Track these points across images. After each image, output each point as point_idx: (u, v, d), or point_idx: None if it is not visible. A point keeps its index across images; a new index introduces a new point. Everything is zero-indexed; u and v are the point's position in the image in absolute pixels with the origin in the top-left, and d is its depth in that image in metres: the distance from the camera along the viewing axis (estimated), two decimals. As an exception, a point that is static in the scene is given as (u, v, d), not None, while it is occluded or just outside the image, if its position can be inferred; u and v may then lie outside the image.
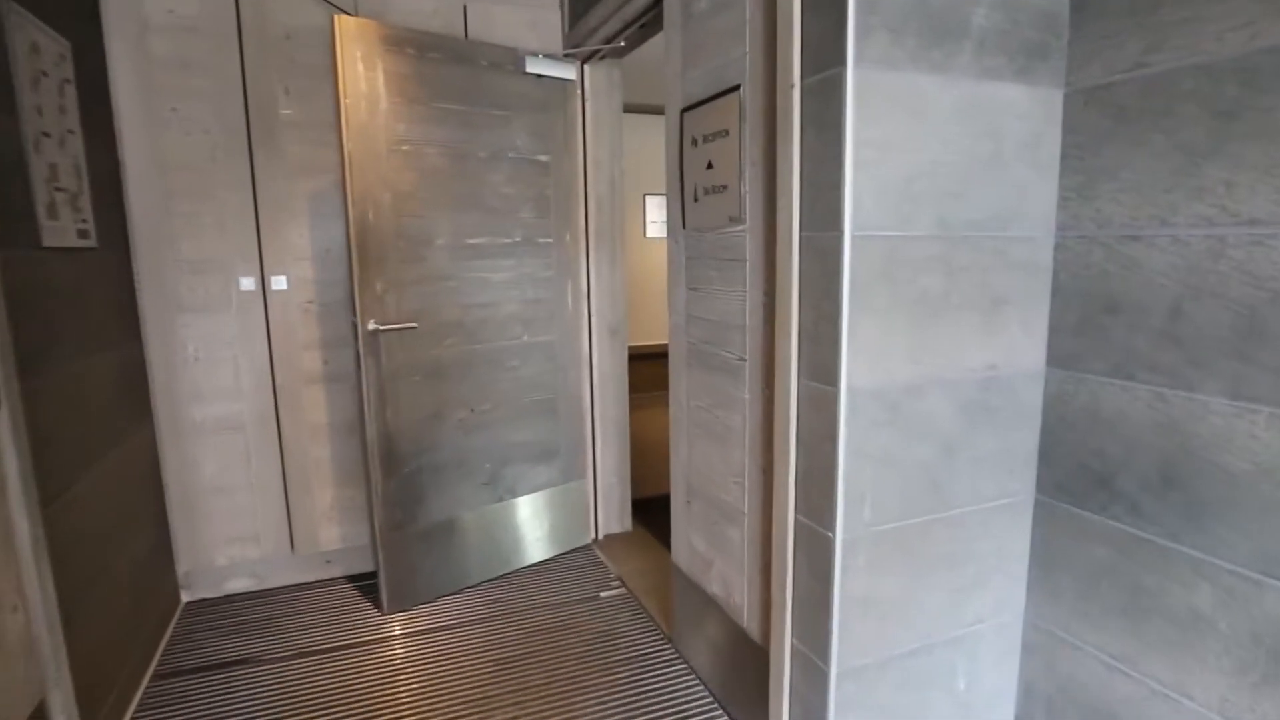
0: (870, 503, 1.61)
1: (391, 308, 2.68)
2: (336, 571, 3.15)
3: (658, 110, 6.61)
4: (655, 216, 6.54)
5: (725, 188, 2.02)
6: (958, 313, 1.63)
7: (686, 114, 2.20)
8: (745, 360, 1.97)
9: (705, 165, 2.11)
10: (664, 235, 6.90)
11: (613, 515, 3.56)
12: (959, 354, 1.65)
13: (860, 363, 1.55)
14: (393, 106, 2.63)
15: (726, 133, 1.99)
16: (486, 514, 3.05)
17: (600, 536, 3.52)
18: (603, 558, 3.31)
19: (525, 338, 3.09)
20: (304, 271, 2.92)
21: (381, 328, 2.63)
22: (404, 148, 2.68)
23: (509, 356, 3.05)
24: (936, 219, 1.56)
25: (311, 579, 3.11)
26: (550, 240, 3.14)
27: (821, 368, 1.60)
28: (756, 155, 1.85)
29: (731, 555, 2.15)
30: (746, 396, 1.98)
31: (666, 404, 2.50)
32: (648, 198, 6.60)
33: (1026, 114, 1.62)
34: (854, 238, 1.50)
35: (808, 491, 1.68)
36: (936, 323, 1.61)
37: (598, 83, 3.26)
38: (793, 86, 1.59)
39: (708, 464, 2.24)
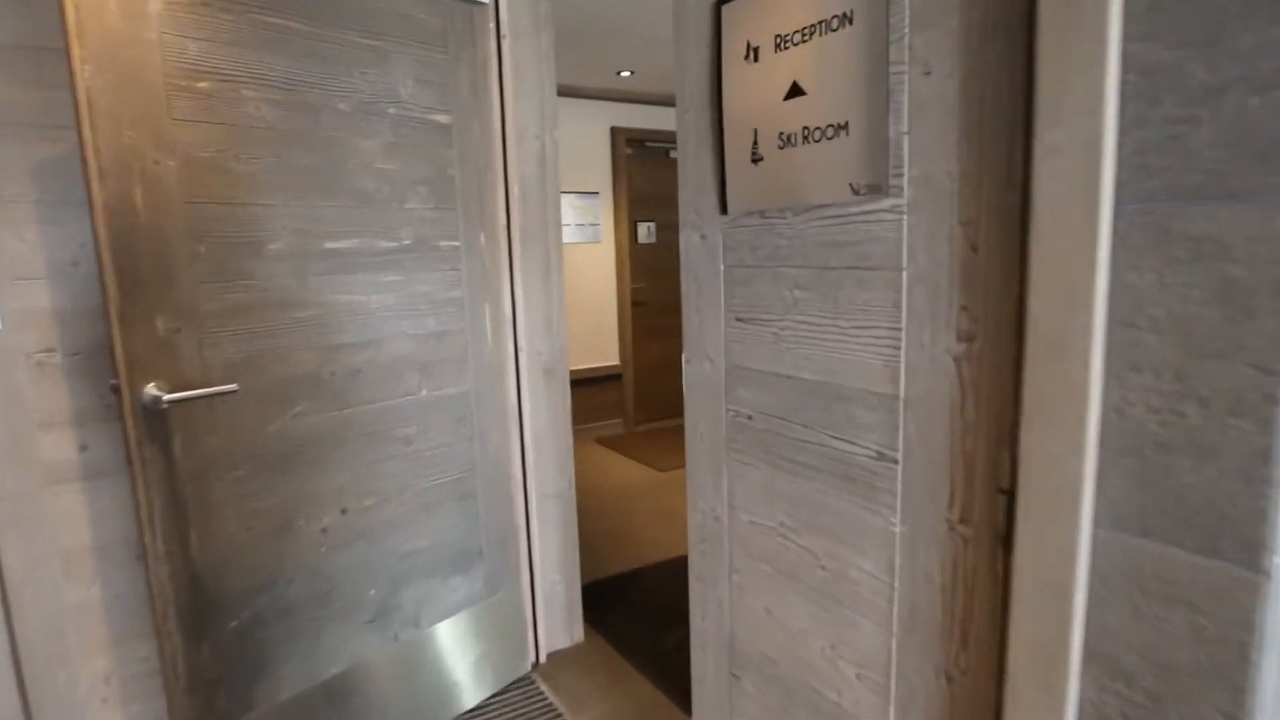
0: None
1: (190, 359, 1.46)
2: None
3: (564, 91, 5.53)
4: (568, 218, 5.36)
5: (842, 128, 0.98)
6: None
7: (730, 4, 1.14)
8: (898, 463, 0.94)
9: (784, 92, 1.05)
10: (581, 241, 5.76)
11: (558, 625, 2.42)
12: None
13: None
14: (175, 10, 1.41)
15: (848, 19, 0.94)
16: (376, 666, 1.86)
17: (543, 659, 2.38)
18: (551, 697, 2.17)
19: (424, 391, 1.92)
20: (33, 298, 1.62)
21: (172, 396, 1.40)
22: (201, 85, 1.46)
23: (400, 422, 1.87)
24: None
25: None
26: (457, 244, 1.98)
27: (1199, 523, 0.59)
28: (943, 49, 0.81)
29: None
30: (898, 529, 0.95)
31: (596, 437, 1.41)
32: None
33: None
34: None
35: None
36: None
37: (519, 13, 2.13)
38: None
39: (787, 630, 1.19)
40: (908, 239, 0.90)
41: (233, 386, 1.49)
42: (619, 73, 4.77)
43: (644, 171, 5.61)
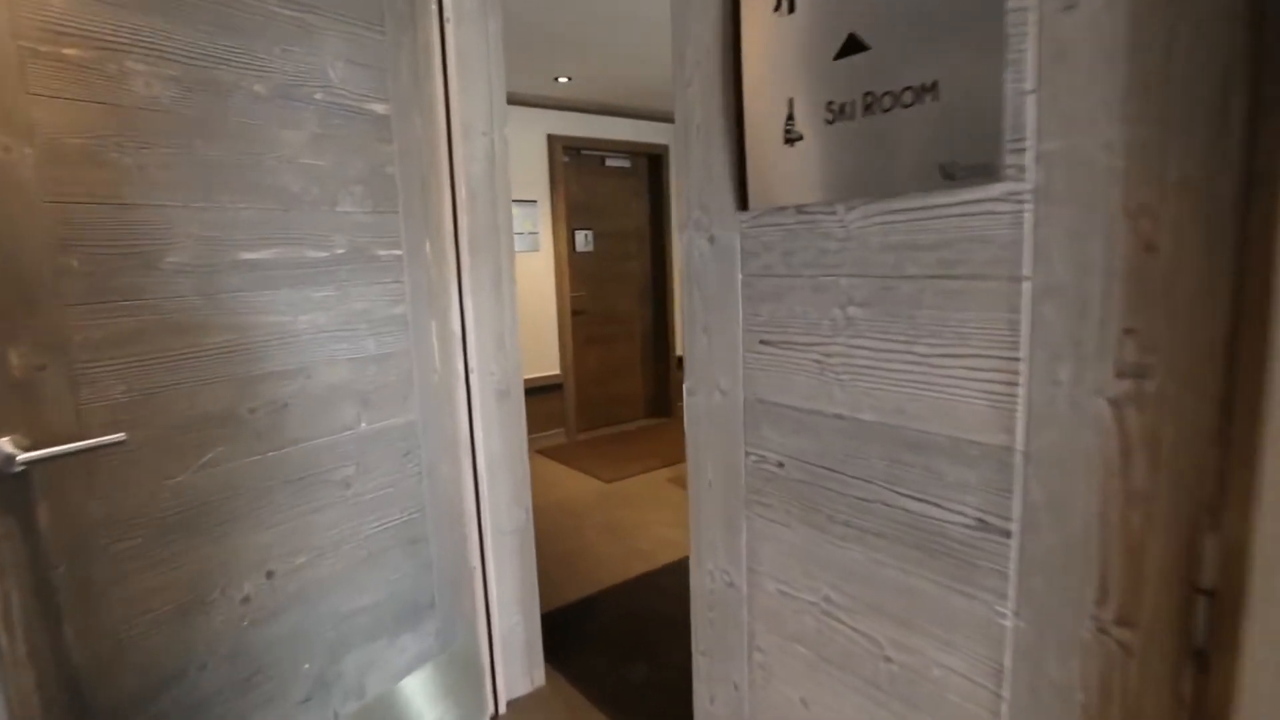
0: None
1: (59, 405, 1.11)
2: None
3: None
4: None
5: (926, 91, 0.73)
6: None
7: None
8: (1011, 536, 0.71)
9: (834, 48, 0.81)
10: (521, 249, 5.42)
11: (517, 670, 2.12)
12: None
13: None
14: (31, -46, 1.07)
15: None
16: (310, 750, 1.52)
17: (503, 709, 2.07)
18: (514, 759, 1.87)
19: (364, 425, 1.60)
20: None
21: (33, 455, 1.04)
22: (69, 51, 1.12)
23: (337, 462, 1.54)
24: None
25: None
26: (399, 253, 1.67)
27: None
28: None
29: None
30: (1010, 623, 0.71)
31: (539, 449, 1.15)
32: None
33: None
34: None
35: None
36: None
37: (463, -5, 1.83)
38: None
39: (839, 726, 0.93)
40: (1033, 237, 0.66)
41: (119, 436, 1.14)
42: (556, 78, 4.48)
43: (580, 180, 5.33)
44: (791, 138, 0.88)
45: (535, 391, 5.28)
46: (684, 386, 1.12)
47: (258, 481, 1.40)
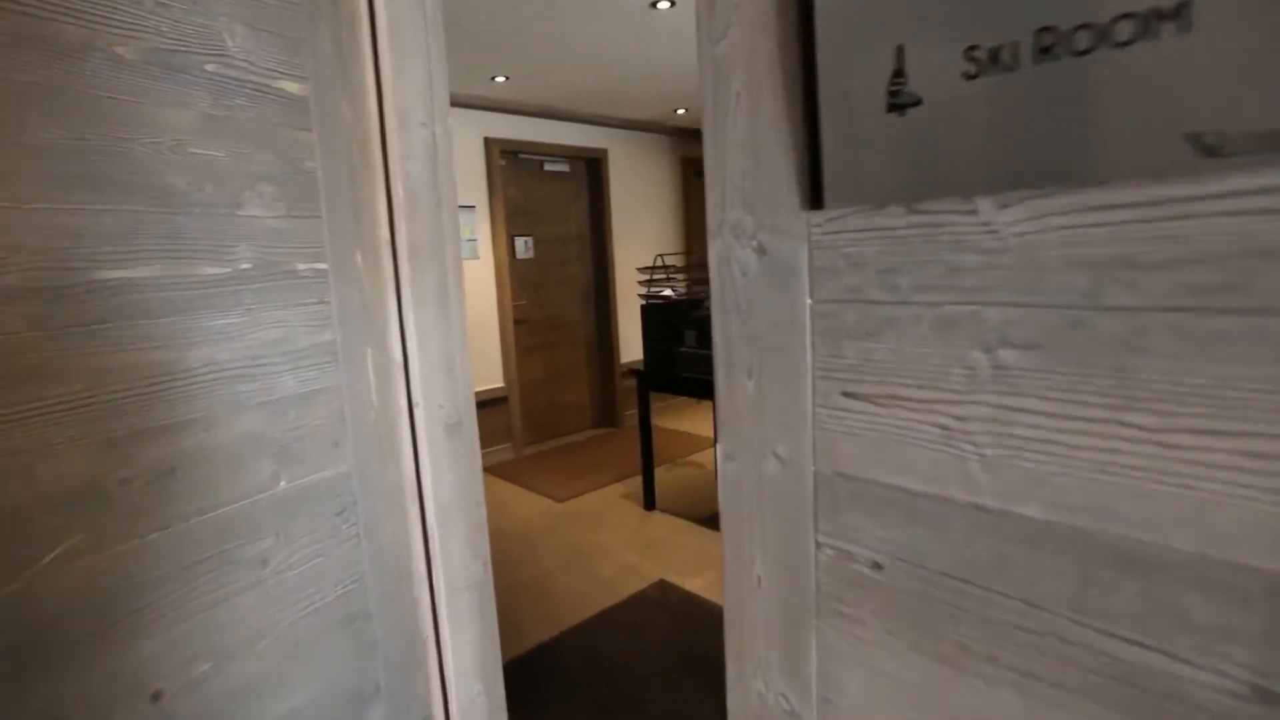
0: None
1: None
2: None
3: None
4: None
5: (1174, 13, 0.44)
6: None
7: None
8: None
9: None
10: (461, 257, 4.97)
11: (477, 748, 1.77)
12: None
13: None
14: None
15: None
16: None
17: (461, 798, 1.72)
18: None
19: (283, 483, 1.23)
20: None
21: None
22: None
23: (248, 535, 1.17)
24: None
25: None
26: (323, 266, 1.31)
27: None
28: None
29: None
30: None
31: (485, 466, 0.89)
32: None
33: None
34: None
35: None
36: None
37: (395, -44, 1.47)
38: None
39: None
40: None
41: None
42: (494, 77, 4.10)
43: (519, 184, 4.96)
44: (901, 102, 0.60)
45: (479, 406, 4.89)
46: (717, 448, 0.82)
47: (136, 575, 1.02)
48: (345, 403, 1.37)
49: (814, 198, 0.70)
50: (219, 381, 1.15)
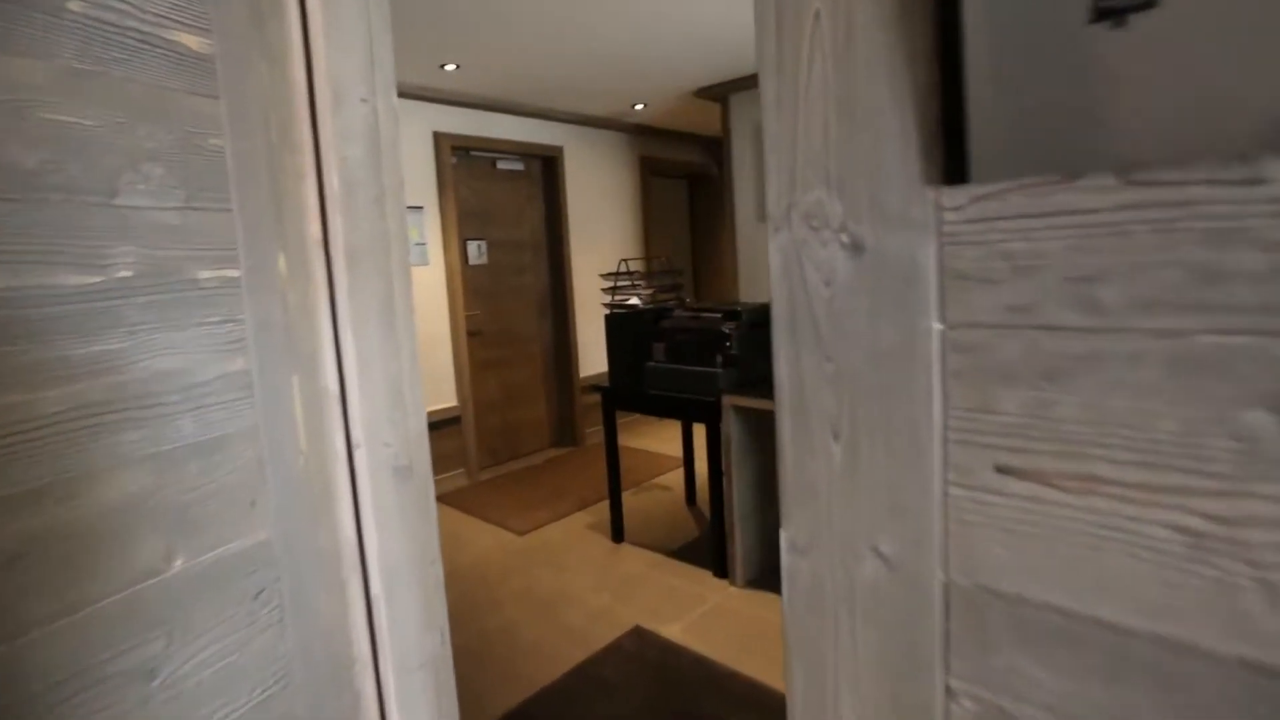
0: None
1: None
2: None
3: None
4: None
5: None
6: None
7: None
8: None
9: None
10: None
11: None
12: None
13: None
14: None
15: None
16: None
17: None
18: None
19: (179, 562, 0.94)
20: None
21: None
22: None
23: (129, 638, 0.88)
24: None
25: None
26: (234, 274, 1.03)
27: None
28: None
29: None
30: None
31: (438, 495, 0.74)
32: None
33: None
34: None
35: None
36: None
37: (328, -112, 1.20)
38: None
39: None
40: None
41: None
42: (443, 65, 3.81)
43: (471, 184, 4.66)
44: (1118, 3, 0.37)
45: (430, 428, 4.56)
46: (782, 536, 0.58)
47: (-53, 718, 0.73)
48: (264, 449, 1.08)
49: (948, 167, 0.47)
50: (90, 430, 0.86)
